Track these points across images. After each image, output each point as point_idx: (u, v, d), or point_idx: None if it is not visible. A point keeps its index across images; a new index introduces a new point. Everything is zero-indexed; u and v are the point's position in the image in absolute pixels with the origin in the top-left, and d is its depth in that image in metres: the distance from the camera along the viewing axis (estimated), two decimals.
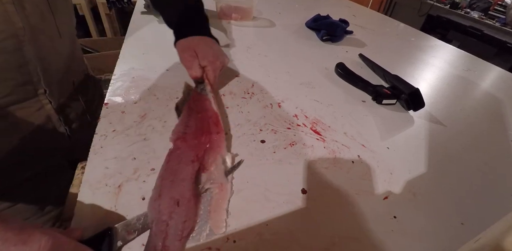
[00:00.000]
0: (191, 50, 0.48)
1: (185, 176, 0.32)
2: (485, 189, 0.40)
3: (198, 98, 0.45)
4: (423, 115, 0.53)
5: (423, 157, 0.44)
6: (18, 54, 0.39)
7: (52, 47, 0.45)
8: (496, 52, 1.96)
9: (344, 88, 0.59)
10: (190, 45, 0.49)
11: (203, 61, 0.47)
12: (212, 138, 0.38)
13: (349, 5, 1.25)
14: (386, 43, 0.88)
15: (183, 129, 0.39)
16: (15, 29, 0.37)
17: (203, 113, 0.42)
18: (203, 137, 0.38)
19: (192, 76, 0.47)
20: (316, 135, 0.45)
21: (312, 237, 0.30)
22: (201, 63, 0.47)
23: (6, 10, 0.36)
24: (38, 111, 0.45)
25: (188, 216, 0.29)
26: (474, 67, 0.79)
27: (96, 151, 0.36)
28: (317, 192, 0.35)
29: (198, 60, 0.47)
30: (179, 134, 0.39)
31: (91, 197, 0.31)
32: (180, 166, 0.34)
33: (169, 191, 0.31)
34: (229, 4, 0.84)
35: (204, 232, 0.29)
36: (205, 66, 0.47)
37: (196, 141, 0.37)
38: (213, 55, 0.49)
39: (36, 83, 0.43)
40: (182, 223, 0.28)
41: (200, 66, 0.47)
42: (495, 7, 2.29)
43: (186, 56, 0.48)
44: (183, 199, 0.30)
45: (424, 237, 0.32)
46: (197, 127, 0.40)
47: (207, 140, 0.38)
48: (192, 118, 0.41)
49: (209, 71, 0.48)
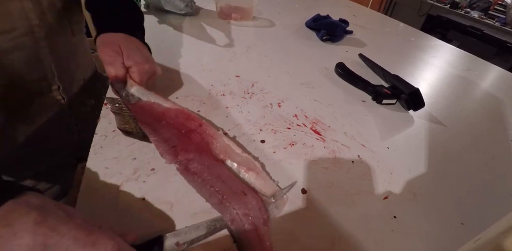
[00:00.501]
0: (116, 46, 0.40)
1: (227, 174, 0.33)
2: (485, 189, 0.40)
3: (140, 108, 0.38)
4: (423, 115, 0.53)
5: (423, 157, 0.44)
6: (34, 50, 0.40)
7: (66, 44, 0.46)
8: (496, 51, 1.96)
9: (344, 88, 0.59)
10: (115, 40, 0.41)
11: (128, 61, 0.40)
12: (200, 132, 0.36)
13: (349, 5, 1.25)
14: (386, 43, 0.88)
15: (167, 145, 0.35)
16: (31, 26, 0.38)
17: (165, 118, 0.37)
18: (193, 137, 0.36)
19: (112, 75, 0.39)
20: (316, 135, 0.45)
21: (312, 237, 0.30)
22: (125, 62, 0.40)
23: (23, 7, 0.36)
24: (52, 106, 0.46)
25: (258, 202, 0.30)
26: (474, 67, 0.79)
27: (96, 151, 0.36)
28: (317, 192, 0.35)
29: (122, 59, 0.40)
30: (170, 151, 0.34)
31: (91, 198, 0.31)
32: (214, 170, 0.33)
33: (229, 190, 0.31)
34: (229, 4, 0.84)
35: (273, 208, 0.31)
36: (130, 66, 0.40)
37: (193, 145, 0.35)
38: (141, 57, 0.42)
39: (50, 79, 0.44)
40: (258, 209, 0.30)
41: (124, 66, 0.40)
42: (495, 6, 2.29)
43: (108, 50, 0.39)
44: (246, 190, 0.31)
45: (424, 237, 0.32)
46: (177, 135, 0.36)
47: (200, 137, 0.36)
48: (161, 130, 0.36)
49: (134, 72, 0.40)
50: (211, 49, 0.68)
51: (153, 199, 0.32)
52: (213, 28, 0.79)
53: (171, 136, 0.36)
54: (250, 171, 0.34)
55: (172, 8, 0.81)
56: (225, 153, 0.35)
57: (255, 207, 0.30)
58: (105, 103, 0.44)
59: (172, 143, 0.35)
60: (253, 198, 0.31)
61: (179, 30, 0.75)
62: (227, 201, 0.30)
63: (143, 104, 0.38)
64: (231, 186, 0.31)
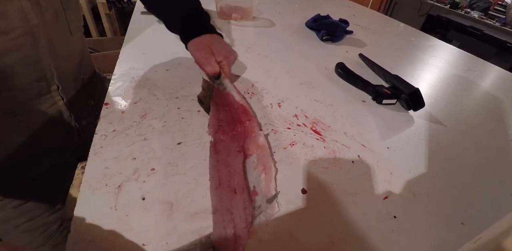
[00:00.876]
0: (207, 48, 0.49)
1: (237, 167, 0.35)
2: (485, 189, 0.40)
3: (220, 94, 0.46)
4: (423, 115, 0.53)
5: (423, 157, 0.44)
6: (33, 50, 0.40)
7: (64, 44, 0.46)
8: (496, 52, 1.96)
9: (344, 88, 0.59)
10: (205, 43, 0.50)
11: (218, 57, 0.48)
12: (245, 126, 0.41)
13: (349, 5, 1.25)
14: (386, 43, 0.88)
15: (217, 122, 0.41)
16: (30, 25, 0.38)
17: (229, 106, 0.44)
18: (238, 127, 0.40)
19: (211, 73, 0.48)
20: (316, 135, 0.45)
21: (312, 237, 0.30)
22: (217, 59, 0.48)
23: (22, 6, 0.36)
24: (51, 107, 0.46)
25: (245, 203, 0.31)
26: (474, 67, 0.79)
27: (96, 151, 0.36)
28: (317, 192, 0.35)
29: (214, 57, 0.48)
30: (215, 127, 0.40)
31: (91, 197, 0.31)
32: (230, 158, 0.36)
33: (227, 181, 0.33)
34: (229, 4, 0.84)
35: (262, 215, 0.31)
36: (221, 61, 0.49)
37: (234, 132, 0.40)
38: (226, 51, 0.50)
39: (50, 79, 0.44)
40: (243, 210, 0.30)
41: (217, 63, 0.48)
42: (495, 7, 2.29)
43: (203, 53, 0.48)
44: (239, 188, 0.32)
45: (424, 237, 0.32)
46: (228, 120, 0.42)
47: (243, 129, 0.40)
48: (221, 112, 0.43)
49: (225, 65, 0.49)
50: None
51: (153, 199, 0.32)
52: None
53: (224, 118, 0.42)
54: (263, 173, 0.35)
55: None
56: (255, 150, 0.38)
57: (240, 206, 0.31)
58: (105, 103, 0.45)
59: (221, 123, 0.41)
60: (240, 198, 0.32)
61: None
62: (219, 190, 0.32)
63: (224, 92, 0.47)
64: (231, 179, 0.33)
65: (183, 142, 0.39)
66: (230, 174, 0.34)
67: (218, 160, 0.36)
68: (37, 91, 0.43)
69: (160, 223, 0.29)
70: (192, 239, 0.28)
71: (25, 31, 0.37)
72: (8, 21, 0.35)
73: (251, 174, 0.35)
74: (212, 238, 0.28)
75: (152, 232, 0.28)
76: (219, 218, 0.30)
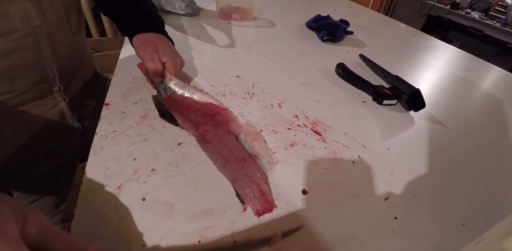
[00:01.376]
0: (152, 45, 0.47)
1: (234, 143, 0.39)
2: (486, 190, 0.40)
3: (174, 100, 0.45)
4: (424, 116, 0.53)
5: (424, 158, 0.43)
6: (35, 51, 0.40)
7: (66, 45, 0.46)
8: (497, 52, 1.95)
9: (344, 89, 0.59)
10: (151, 39, 0.49)
11: (163, 57, 0.47)
12: (223, 114, 0.43)
13: (350, 5, 1.25)
14: (387, 44, 0.88)
15: (191, 123, 0.41)
16: (32, 27, 0.38)
17: (194, 106, 0.44)
18: (215, 118, 0.42)
19: (152, 69, 0.46)
20: (317, 135, 0.44)
21: (312, 238, 0.30)
22: (161, 58, 0.47)
23: (25, 8, 0.36)
24: (53, 108, 0.46)
25: (256, 166, 0.36)
26: (475, 68, 0.79)
27: (97, 152, 0.36)
28: (318, 193, 0.35)
29: (159, 55, 0.47)
30: (193, 126, 0.41)
31: (91, 198, 0.31)
32: (224, 139, 0.39)
33: (232, 156, 0.36)
34: (230, 4, 0.84)
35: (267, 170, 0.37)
36: (165, 62, 0.47)
37: (214, 121, 0.41)
38: (173, 53, 0.49)
39: (52, 80, 0.44)
40: (257, 171, 0.35)
41: (161, 61, 0.47)
42: (495, 7, 2.29)
43: (147, 49, 0.47)
44: (246, 156, 0.37)
45: (425, 238, 0.32)
46: (201, 114, 0.42)
47: (221, 117, 0.42)
48: (188, 114, 0.43)
49: (170, 68, 0.47)
50: (211, 49, 0.68)
51: (153, 199, 0.31)
52: (213, 29, 0.79)
53: (195, 117, 0.42)
54: (254, 141, 0.40)
55: (173, 9, 0.81)
56: (240, 129, 0.41)
57: (253, 169, 0.35)
58: (105, 103, 0.44)
59: (195, 121, 0.42)
60: (251, 163, 0.36)
61: (179, 30, 0.75)
62: (229, 165, 0.35)
63: (177, 96, 0.46)
64: (234, 153, 0.37)
65: (184, 143, 0.39)
66: (231, 150, 0.37)
67: (214, 146, 0.38)
68: (39, 92, 0.43)
69: (160, 224, 0.29)
70: (192, 240, 0.28)
71: (27, 32, 0.37)
72: (10, 22, 0.35)
73: (247, 146, 0.40)
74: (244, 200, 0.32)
75: (152, 233, 0.28)
76: (242, 184, 0.33)
